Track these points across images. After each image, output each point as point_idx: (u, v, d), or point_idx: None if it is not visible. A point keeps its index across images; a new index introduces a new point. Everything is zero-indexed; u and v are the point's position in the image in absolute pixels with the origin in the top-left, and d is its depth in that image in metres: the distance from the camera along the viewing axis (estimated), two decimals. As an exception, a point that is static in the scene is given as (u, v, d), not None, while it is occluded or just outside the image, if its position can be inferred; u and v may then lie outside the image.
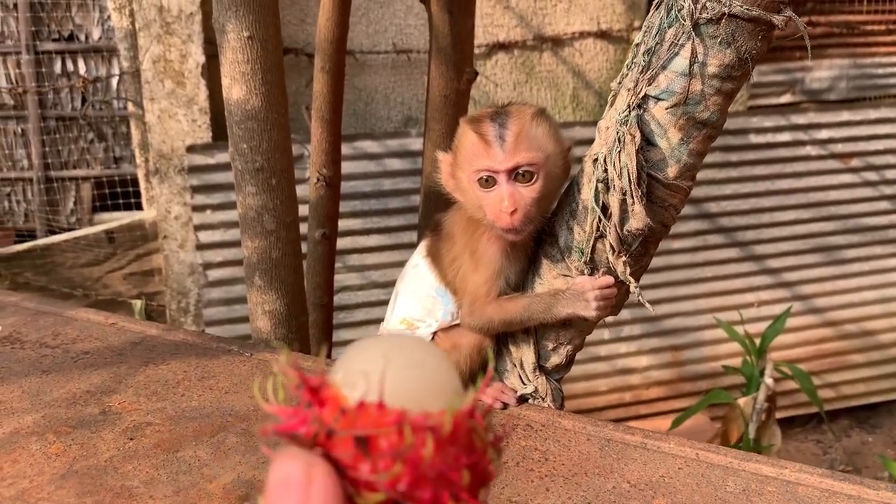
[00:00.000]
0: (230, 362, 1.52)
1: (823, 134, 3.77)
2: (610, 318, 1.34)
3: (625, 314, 3.67)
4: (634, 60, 1.12)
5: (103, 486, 1.12)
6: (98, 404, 1.36)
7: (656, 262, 3.65)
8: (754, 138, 3.68)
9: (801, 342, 3.99)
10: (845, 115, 3.79)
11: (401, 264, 1.51)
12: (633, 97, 1.10)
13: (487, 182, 1.21)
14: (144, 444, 1.23)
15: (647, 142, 1.11)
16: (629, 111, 1.09)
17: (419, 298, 1.37)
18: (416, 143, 3.28)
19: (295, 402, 0.42)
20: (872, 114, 3.83)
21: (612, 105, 1.16)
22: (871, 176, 3.88)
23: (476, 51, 3.51)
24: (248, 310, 1.70)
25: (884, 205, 3.93)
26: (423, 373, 0.42)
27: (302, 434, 0.40)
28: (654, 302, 3.72)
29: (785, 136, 3.72)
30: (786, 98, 4.20)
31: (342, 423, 0.39)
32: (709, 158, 3.59)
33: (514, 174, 1.19)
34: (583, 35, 3.62)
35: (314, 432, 0.39)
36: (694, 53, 1.05)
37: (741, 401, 3.17)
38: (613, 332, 3.71)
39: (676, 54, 1.06)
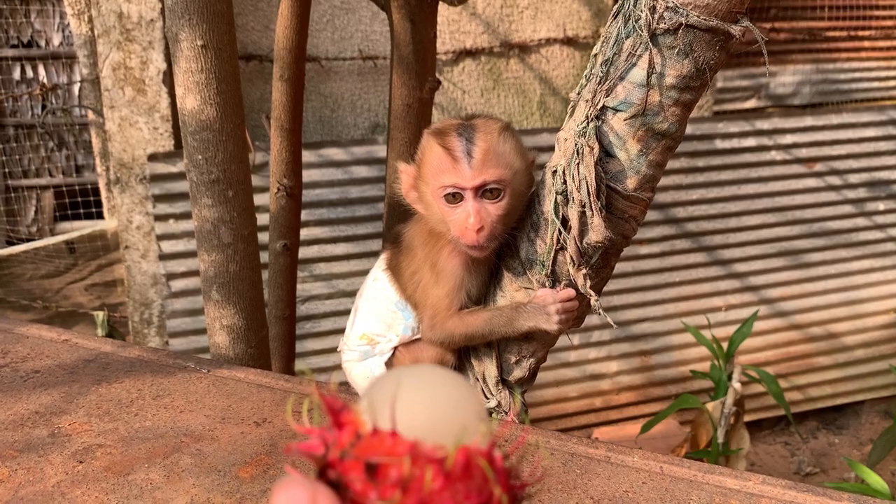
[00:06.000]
0: (186, 379, 1.48)
1: (788, 139, 3.81)
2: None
3: (594, 320, 3.67)
4: (592, 71, 1.10)
5: (49, 513, 1.08)
6: (47, 426, 1.31)
7: (624, 267, 3.67)
8: (720, 143, 3.71)
9: (768, 345, 4.02)
10: (809, 121, 3.84)
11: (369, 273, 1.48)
12: (592, 108, 1.08)
13: (454, 198, 1.18)
14: (94, 468, 1.19)
15: (606, 153, 1.09)
16: (587, 122, 1.08)
17: (379, 313, 1.34)
18: (383, 151, 3.25)
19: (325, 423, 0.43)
20: (835, 119, 3.88)
21: (570, 116, 1.14)
22: (835, 180, 3.93)
23: (443, 57, 3.49)
24: (206, 324, 1.66)
25: (847, 208, 3.98)
26: (445, 405, 0.42)
27: (318, 454, 0.41)
28: (622, 307, 3.72)
29: (750, 142, 3.75)
30: (751, 103, 4.24)
31: (355, 448, 0.40)
32: (675, 164, 3.62)
33: (481, 191, 1.17)
34: (549, 42, 3.62)
35: (326, 453, 0.40)
36: (651, 64, 1.03)
37: (710, 405, 3.18)
38: (582, 338, 3.71)
39: (634, 65, 1.05)
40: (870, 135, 3.93)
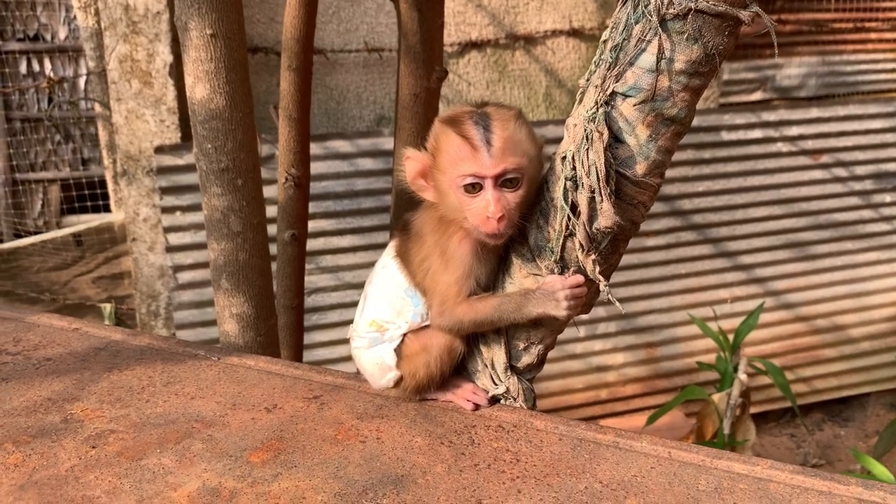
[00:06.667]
0: (197, 367, 1.49)
1: (794, 131, 3.80)
2: (585, 316, 1.32)
3: (600, 312, 3.67)
4: (602, 57, 1.10)
5: (63, 496, 1.09)
6: (59, 412, 1.32)
7: (630, 259, 3.67)
8: (726, 135, 3.70)
9: (774, 337, 4.02)
10: (815, 112, 3.83)
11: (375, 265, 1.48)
12: (601, 94, 1.08)
13: (472, 188, 1.18)
14: (107, 453, 1.20)
15: (616, 139, 1.10)
16: (597, 108, 1.08)
17: (388, 300, 1.34)
18: (388, 143, 3.26)
19: None
20: (841, 110, 3.87)
21: (580, 102, 1.15)
22: (841, 172, 3.92)
23: (448, 49, 3.49)
24: (216, 313, 1.67)
25: (853, 200, 3.98)
26: None
27: None
28: (628, 299, 3.73)
29: (756, 133, 3.75)
30: (757, 95, 4.24)
31: None
32: (681, 156, 3.62)
33: (501, 180, 1.17)
34: (555, 33, 3.62)
35: None
36: (661, 49, 1.04)
37: (715, 396, 3.19)
38: (588, 330, 3.72)
39: (643, 50, 1.05)
40: (876, 126, 3.93)
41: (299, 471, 1.16)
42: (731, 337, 3.32)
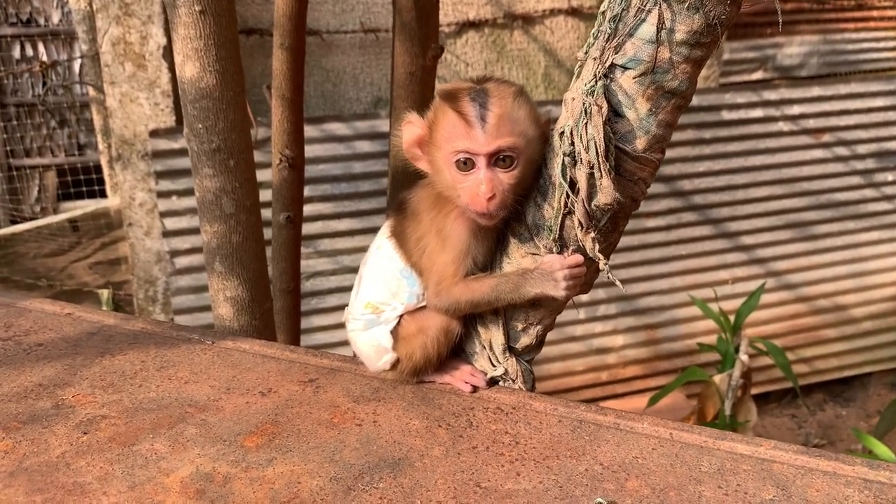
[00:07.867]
0: (191, 351, 1.46)
1: (795, 110, 3.76)
2: (585, 298, 1.30)
3: (600, 293, 3.65)
4: (600, 28, 1.07)
5: (54, 483, 1.07)
6: (51, 398, 1.30)
7: (631, 240, 3.64)
8: (727, 115, 3.67)
9: (775, 318, 4.00)
10: (816, 91, 3.79)
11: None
12: (600, 66, 1.05)
13: (465, 165, 1.16)
14: (99, 439, 1.18)
15: (615, 113, 1.07)
16: (595, 81, 1.05)
17: (384, 281, 1.32)
18: (385, 125, 3.22)
19: None
20: (843, 89, 3.83)
21: (578, 76, 1.11)
22: (843, 151, 3.89)
23: (446, 29, 3.45)
24: (210, 296, 1.65)
25: (855, 180, 3.94)
26: None
27: None
28: (628, 280, 3.71)
29: (757, 113, 3.71)
30: (758, 75, 4.19)
31: None
32: (682, 136, 3.58)
33: (494, 159, 1.15)
34: (553, 12, 3.57)
35: None
36: (661, 19, 1.00)
37: (717, 378, 3.17)
38: (589, 312, 3.70)
39: (643, 21, 1.02)
40: (878, 105, 3.89)
41: (294, 455, 1.14)
42: (732, 318, 3.30)
